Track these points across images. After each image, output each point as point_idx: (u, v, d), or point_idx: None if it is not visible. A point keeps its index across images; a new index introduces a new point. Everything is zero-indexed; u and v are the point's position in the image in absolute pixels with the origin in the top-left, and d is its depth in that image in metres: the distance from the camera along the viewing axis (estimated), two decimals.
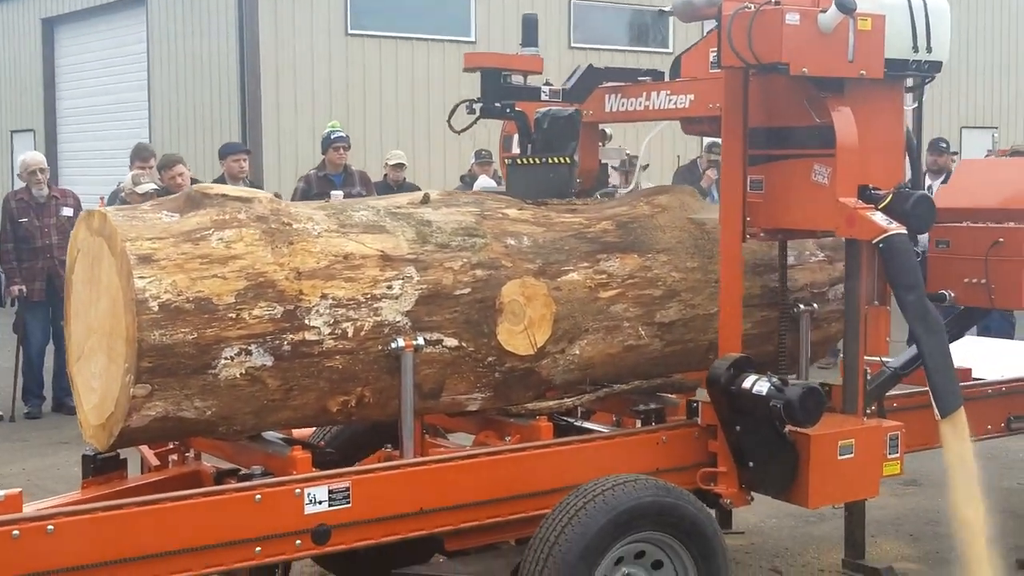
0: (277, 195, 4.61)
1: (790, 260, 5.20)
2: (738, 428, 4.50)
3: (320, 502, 3.93)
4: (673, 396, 5.01)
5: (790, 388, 4.36)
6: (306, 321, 4.03)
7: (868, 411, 4.83)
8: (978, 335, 7.87)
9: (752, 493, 4.70)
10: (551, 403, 4.69)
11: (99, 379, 3.96)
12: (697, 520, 4.21)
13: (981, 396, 5.65)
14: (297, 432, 4.69)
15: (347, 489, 3.98)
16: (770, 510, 5.53)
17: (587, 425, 4.93)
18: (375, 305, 4.17)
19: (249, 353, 3.91)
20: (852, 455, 4.56)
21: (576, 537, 3.96)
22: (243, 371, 3.91)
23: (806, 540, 5.98)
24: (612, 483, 4.11)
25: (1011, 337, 9.28)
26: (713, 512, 4.68)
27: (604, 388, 4.84)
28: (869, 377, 4.85)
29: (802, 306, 5.14)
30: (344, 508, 3.97)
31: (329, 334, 4.07)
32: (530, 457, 4.37)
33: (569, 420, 4.92)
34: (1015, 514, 6.37)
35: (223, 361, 3.87)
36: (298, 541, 3.91)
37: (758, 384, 4.39)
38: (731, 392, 4.44)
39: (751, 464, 4.53)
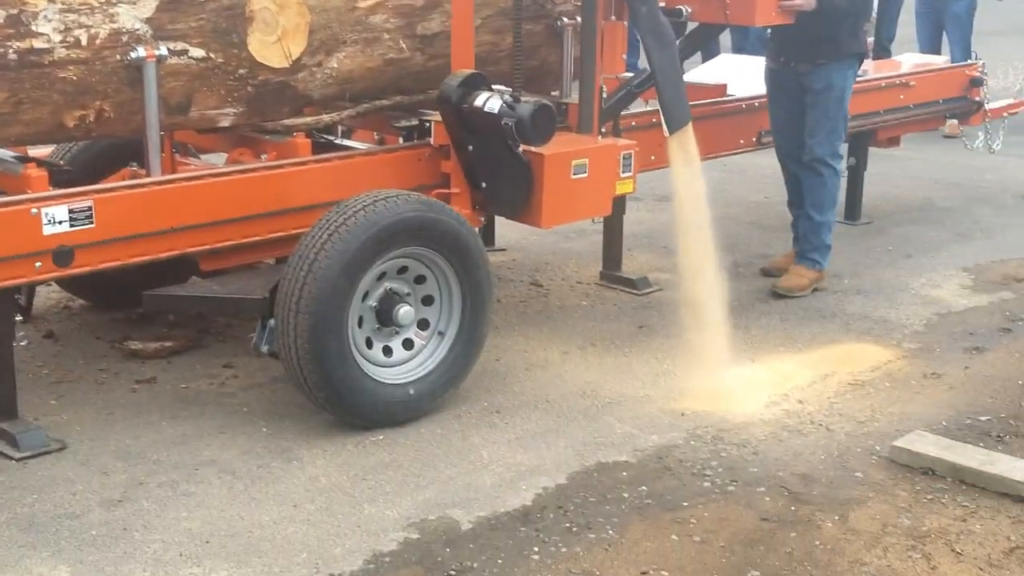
0: None
1: None
2: (470, 148, 4.42)
3: (60, 222, 3.70)
4: (435, 113, 4.89)
5: (522, 106, 4.24)
6: (33, 27, 3.69)
7: (603, 130, 4.82)
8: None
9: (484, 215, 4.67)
10: (309, 119, 4.51)
11: None
12: (459, 235, 4.19)
13: (734, 112, 5.78)
14: (35, 151, 4.38)
15: (89, 209, 3.76)
16: (532, 228, 5.59)
17: (346, 143, 4.79)
18: (111, 11, 3.85)
19: None
20: (585, 174, 4.55)
21: (336, 254, 3.88)
22: None
23: (566, 255, 6.12)
24: (373, 199, 4.02)
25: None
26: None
27: (364, 104, 4.68)
28: (605, 95, 4.82)
29: (565, 20, 5.05)
30: (87, 228, 3.76)
31: (60, 42, 3.74)
32: (286, 175, 4.23)
33: (329, 138, 4.77)
34: (761, 226, 6.69)
35: None
36: (38, 263, 3.70)
37: (490, 102, 4.26)
38: (463, 110, 4.31)
39: (484, 185, 4.48)
